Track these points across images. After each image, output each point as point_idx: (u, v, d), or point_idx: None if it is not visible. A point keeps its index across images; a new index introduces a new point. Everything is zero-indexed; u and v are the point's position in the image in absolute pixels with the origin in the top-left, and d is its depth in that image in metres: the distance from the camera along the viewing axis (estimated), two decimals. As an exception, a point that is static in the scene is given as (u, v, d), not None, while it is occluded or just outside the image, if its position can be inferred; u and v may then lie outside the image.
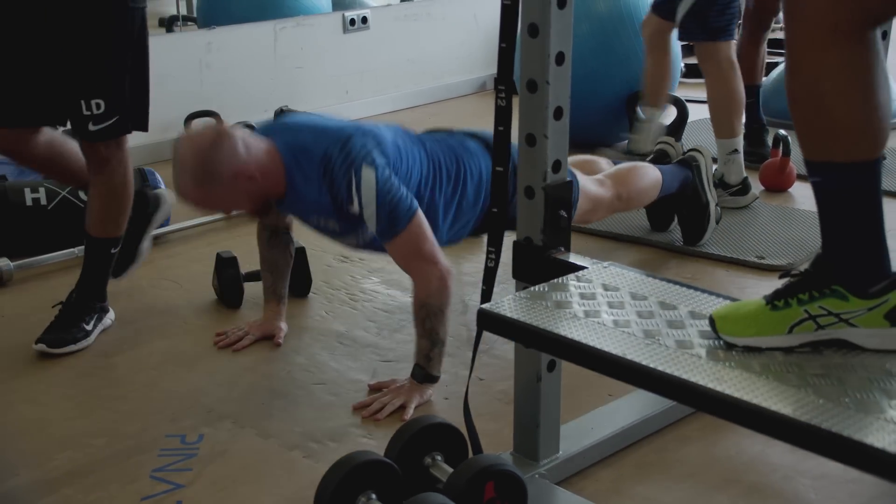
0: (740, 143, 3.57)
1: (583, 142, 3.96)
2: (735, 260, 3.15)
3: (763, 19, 4.05)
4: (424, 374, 2.33)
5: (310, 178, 2.28)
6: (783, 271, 1.52)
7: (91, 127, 2.46)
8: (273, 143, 2.34)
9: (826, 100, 1.39)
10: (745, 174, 3.61)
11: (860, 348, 1.45)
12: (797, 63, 1.41)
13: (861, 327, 1.45)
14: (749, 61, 3.99)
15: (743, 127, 3.67)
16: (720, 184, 3.55)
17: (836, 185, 1.44)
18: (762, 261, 3.12)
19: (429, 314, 2.29)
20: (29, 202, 3.24)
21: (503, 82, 1.79)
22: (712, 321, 1.52)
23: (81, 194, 3.29)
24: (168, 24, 5.22)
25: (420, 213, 2.28)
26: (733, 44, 3.54)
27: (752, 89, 4.05)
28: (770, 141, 4.00)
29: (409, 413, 2.27)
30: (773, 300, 1.49)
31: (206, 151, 2.26)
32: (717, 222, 3.21)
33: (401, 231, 2.25)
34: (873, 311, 1.44)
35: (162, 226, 3.39)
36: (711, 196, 3.15)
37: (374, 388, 2.40)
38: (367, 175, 2.22)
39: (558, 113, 1.79)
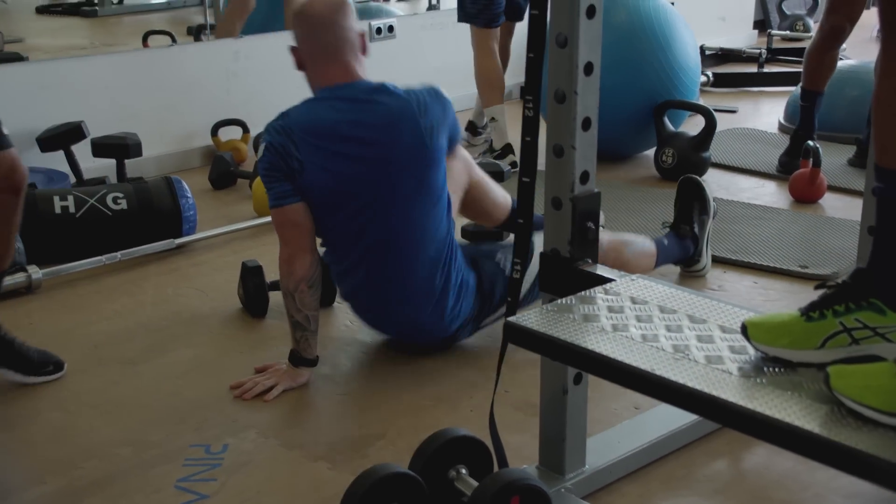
0: (498, 111, 4.21)
1: (605, 154, 3.94)
2: (777, 269, 3.12)
3: (831, 33, 3.89)
4: (296, 356, 2.47)
5: None
6: (820, 282, 1.50)
7: None
8: None
9: None
10: (507, 140, 4.19)
11: None
12: (890, 67, 1.39)
13: None
14: (813, 65, 3.99)
15: (503, 99, 4.26)
16: (490, 149, 4.29)
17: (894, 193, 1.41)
18: (805, 270, 3.09)
19: (283, 296, 2.45)
20: (58, 210, 3.26)
21: (531, 92, 1.77)
22: (744, 328, 1.49)
23: (110, 202, 3.31)
24: (196, 32, 5.24)
25: (285, 208, 2.39)
26: (489, 31, 4.22)
27: (810, 94, 4.04)
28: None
29: (273, 394, 2.40)
30: (808, 311, 1.46)
31: None
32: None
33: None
34: None
35: (187, 234, 3.41)
36: (707, 256, 3.09)
37: (258, 370, 2.52)
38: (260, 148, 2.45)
39: (586, 123, 1.77)
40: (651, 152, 4.26)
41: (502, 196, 2.73)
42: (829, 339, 1.44)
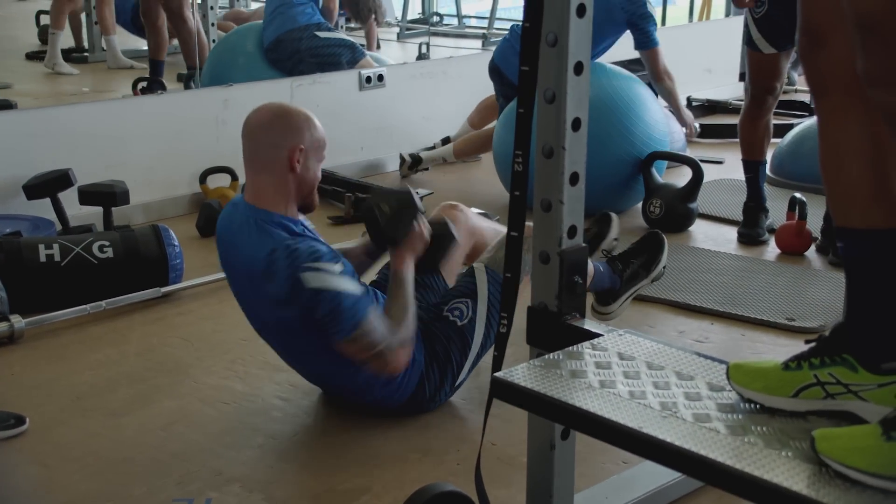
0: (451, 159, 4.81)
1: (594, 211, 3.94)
2: (764, 321, 3.12)
3: (754, 102, 3.76)
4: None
5: None
6: (810, 337, 1.51)
7: None
8: None
9: (843, 163, 1.40)
10: (424, 164, 4.79)
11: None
12: (823, 131, 1.43)
13: (871, 402, 1.41)
14: (744, 134, 3.84)
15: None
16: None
17: (856, 252, 1.42)
18: (793, 322, 3.09)
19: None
20: (43, 258, 3.24)
21: (520, 147, 1.78)
22: (728, 369, 1.54)
23: (95, 251, 3.30)
24: (186, 80, 5.27)
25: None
26: None
27: (750, 164, 3.89)
28: (765, 224, 3.93)
29: None
30: (788, 361, 1.49)
31: None
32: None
33: None
34: (884, 388, 1.40)
35: (174, 282, 3.40)
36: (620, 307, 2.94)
37: None
38: None
39: (574, 178, 1.78)
40: (638, 205, 4.28)
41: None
42: (802, 389, 1.46)
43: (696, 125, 4.86)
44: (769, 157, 4.12)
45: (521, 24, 1.73)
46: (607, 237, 2.99)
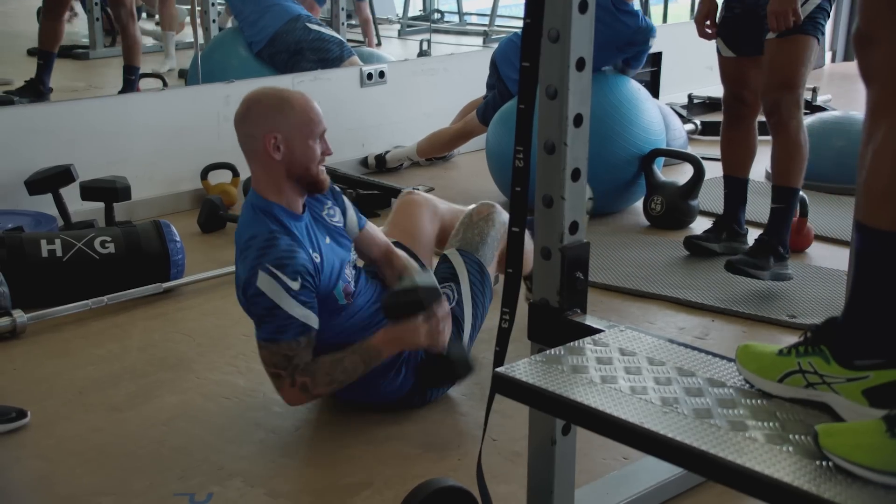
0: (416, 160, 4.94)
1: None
2: (765, 318, 3.12)
3: (726, 102, 3.53)
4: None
5: None
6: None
7: None
8: None
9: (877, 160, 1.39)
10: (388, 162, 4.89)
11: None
12: (865, 122, 1.42)
13: (842, 396, 1.44)
14: (723, 145, 3.59)
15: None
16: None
17: (875, 248, 1.42)
18: (794, 319, 3.09)
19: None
20: (45, 254, 3.24)
21: (521, 143, 1.78)
22: (738, 348, 1.60)
23: (97, 246, 3.30)
24: (187, 76, 5.26)
25: None
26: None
27: (729, 181, 3.61)
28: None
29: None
30: (783, 347, 1.54)
31: None
32: None
33: None
34: (852, 382, 1.43)
35: (175, 278, 3.40)
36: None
37: None
38: None
39: (576, 174, 1.78)
40: (638, 203, 4.28)
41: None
42: (787, 375, 1.50)
43: None
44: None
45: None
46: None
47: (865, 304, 1.46)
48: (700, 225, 4.08)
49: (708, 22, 3.47)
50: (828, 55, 8.64)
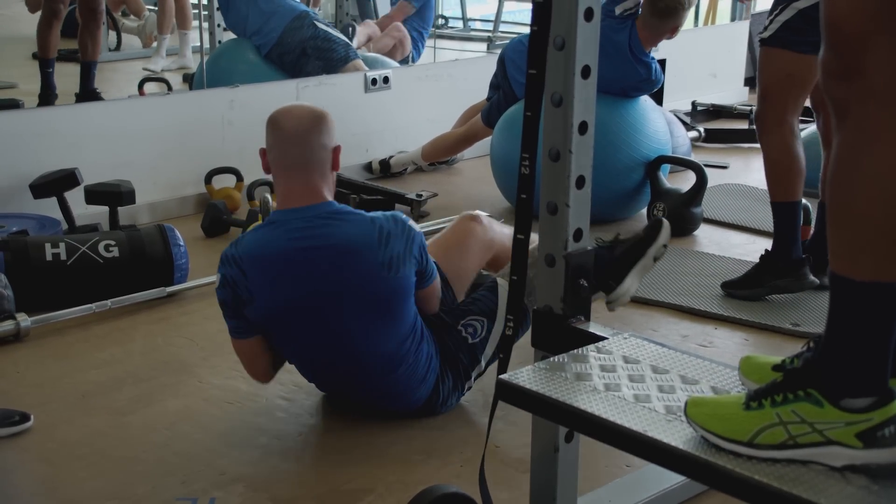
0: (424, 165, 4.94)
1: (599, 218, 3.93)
2: (769, 326, 3.12)
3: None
4: None
5: None
6: (807, 340, 1.48)
7: None
8: None
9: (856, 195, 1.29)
10: (392, 167, 4.89)
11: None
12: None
13: (836, 446, 1.31)
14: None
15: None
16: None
17: (856, 301, 1.32)
18: (797, 328, 3.09)
19: None
20: (49, 257, 3.24)
21: (527, 150, 1.78)
22: (685, 404, 1.44)
23: (101, 250, 3.30)
24: (192, 80, 5.28)
25: (240, 342, 2.49)
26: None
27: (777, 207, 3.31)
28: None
29: None
30: (749, 400, 1.37)
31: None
32: None
33: None
34: (851, 426, 1.30)
35: (179, 282, 3.40)
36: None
37: None
38: None
39: (580, 182, 1.78)
40: (643, 211, 4.28)
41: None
42: (761, 431, 1.34)
43: None
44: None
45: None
46: (656, 242, 2.82)
47: (845, 338, 1.33)
48: (703, 232, 4.08)
49: None
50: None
